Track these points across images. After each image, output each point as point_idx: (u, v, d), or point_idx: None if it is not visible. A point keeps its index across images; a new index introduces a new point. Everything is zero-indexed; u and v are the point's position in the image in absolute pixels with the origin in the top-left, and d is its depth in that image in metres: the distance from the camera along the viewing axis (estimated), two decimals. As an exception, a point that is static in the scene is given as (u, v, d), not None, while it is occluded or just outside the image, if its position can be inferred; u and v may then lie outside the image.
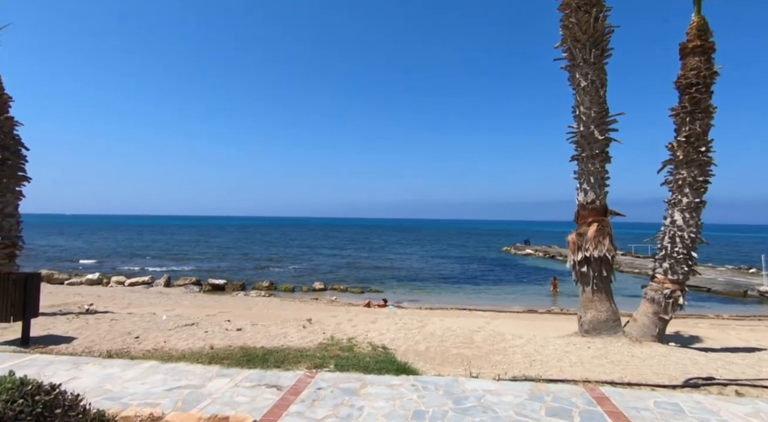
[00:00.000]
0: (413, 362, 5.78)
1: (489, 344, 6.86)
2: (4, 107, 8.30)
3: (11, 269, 8.01)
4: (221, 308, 12.25)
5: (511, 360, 6.13)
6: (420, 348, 6.52)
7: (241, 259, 35.93)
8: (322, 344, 6.55)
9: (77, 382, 4.67)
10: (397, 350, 6.33)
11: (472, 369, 5.55)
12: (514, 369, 5.68)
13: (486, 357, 6.20)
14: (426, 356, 6.15)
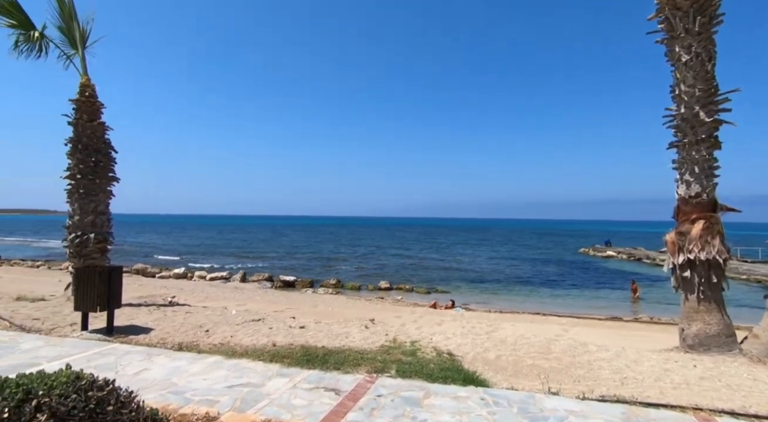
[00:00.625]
0: (482, 372, 5.26)
1: (569, 355, 6.10)
2: (96, 113, 9.06)
3: (102, 263, 8.72)
4: (289, 305, 12.50)
5: (596, 375, 5.36)
6: (490, 356, 5.95)
7: (310, 257, 37.12)
8: (384, 346, 6.25)
9: (147, 373, 4.80)
10: (464, 357, 5.83)
11: (551, 384, 4.90)
12: (601, 386, 4.93)
13: (566, 371, 5.49)
14: (496, 365, 5.58)
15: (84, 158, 8.72)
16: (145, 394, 4.19)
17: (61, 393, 2.51)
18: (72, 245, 8.55)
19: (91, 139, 8.84)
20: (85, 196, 8.67)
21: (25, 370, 4.80)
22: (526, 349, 6.34)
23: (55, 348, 5.60)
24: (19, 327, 6.73)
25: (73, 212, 8.67)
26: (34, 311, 7.90)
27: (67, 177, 8.71)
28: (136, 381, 4.56)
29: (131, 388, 4.40)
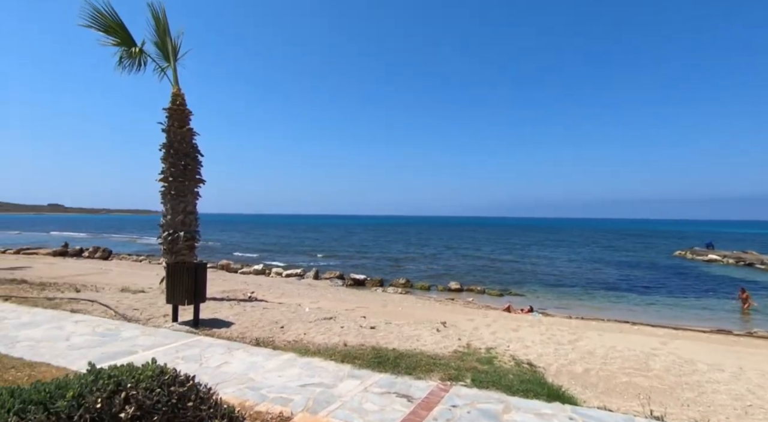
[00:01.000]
0: (568, 386, 4.76)
1: (674, 374, 5.34)
2: (186, 120, 9.77)
3: (191, 259, 9.38)
4: (359, 304, 12.60)
5: (710, 400, 4.61)
6: (576, 369, 5.40)
7: (380, 256, 37.51)
8: (457, 352, 5.95)
9: (227, 367, 4.99)
10: (546, 369, 5.35)
11: (653, 407, 4.29)
12: (718, 414, 4.22)
13: (671, 392, 4.79)
14: (585, 380, 5.03)
15: (175, 162, 9.44)
16: (224, 388, 4.34)
17: (146, 387, 2.60)
18: (165, 242, 9.30)
19: (181, 144, 9.55)
20: (176, 197, 9.38)
21: (125, 357, 5.23)
22: (619, 363, 5.68)
23: (149, 338, 6.07)
24: (122, 316, 7.44)
25: (166, 212, 9.44)
26: (135, 302, 8.72)
27: (161, 180, 9.49)
28: (218, 374, 4.76)
29: (213, 381, 4.60)
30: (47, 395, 2.32)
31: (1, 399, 2.20)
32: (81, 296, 9.20)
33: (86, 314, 7.42)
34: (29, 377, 4.37)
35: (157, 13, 9.51)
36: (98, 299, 8.86)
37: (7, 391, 2.27)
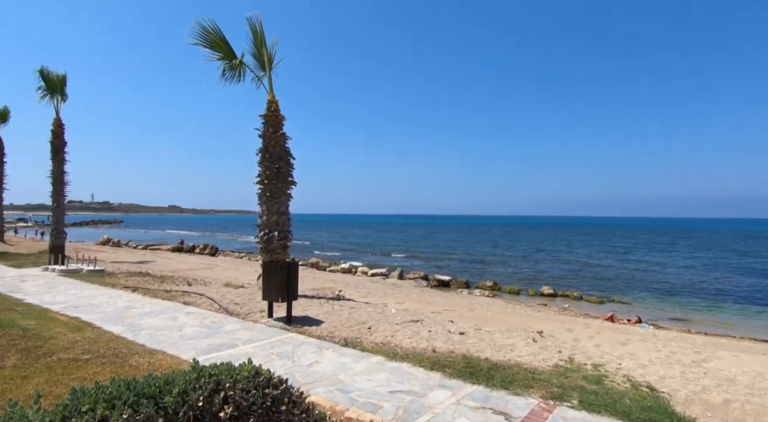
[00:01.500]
0: (704, 420, 3.99)
1: None
2: (279, 125, 10.30)
3: (284, 258, 9.86)
4: (445, 306, 12.25)
5: None
6: (713, 399, 4.54)
7: (465, 256, 36.58)
8: (558, 366, 5.38)
9: (318, 366, 5.04)
10: (672, 395, 4.57)
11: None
12: None
13: None
14: (726, 414, 4.19)
15: (270, 165, 9.99)
16: (315, 388, 4.35)
17: (243, 388, 2.62)
18: (261, 241, 9.90)
19: (275, 148, 10.08)
20: (271, 198, 9.93)
21: (227, 350, 5.55)
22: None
23: (248, 332, 6.42)
24: (225, 309, 8.02)
25: (262, 212, 10.04)
26: (236, 297, 9.38)
27: (258, 182, 10.12)
28: (309, 373, 4.82)
29: (304, 380, 4.65)
30: (157, 389, 2.42)
31: (119, 390, 2.33)
32: (192, 290, 10.15)
33: (196, 307, 8.13)
34: (149, 363, 4.82)
35: (255, 26, 10.15)
36: (205, 293, 9.70)
37: (124, 383, 2.41)
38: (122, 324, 6.62)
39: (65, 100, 17.94)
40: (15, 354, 4.93)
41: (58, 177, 17.32)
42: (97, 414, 2.14)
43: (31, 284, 10.48)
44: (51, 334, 5.84)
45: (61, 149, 17.51)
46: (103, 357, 4.94)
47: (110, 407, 2.20)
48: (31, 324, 6.40)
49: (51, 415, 2.09)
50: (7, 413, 2.07)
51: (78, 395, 2.24)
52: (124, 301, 8.51)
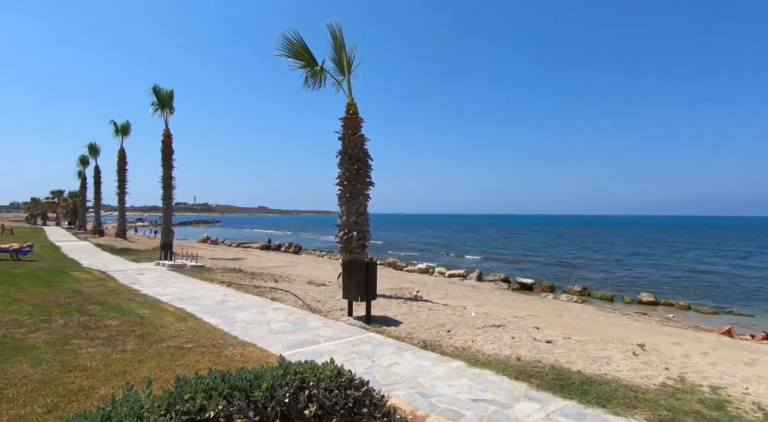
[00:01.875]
0: None
1: None
2: (358, 128, 10.52)
3: (363, 258, 10.03)
4: (529, 311, 11.60)
5: None
6: None
7: (549, 258, 34.51)
8: (666, 386, 4.76)
9: (397, 368, 5.01)
10: (819, 431, 3.79)
11: None
12: None
13: None
14: None
15: (349, 167, 10.24)
16: (395, 390, 4.31)
17: (326, 387, 2.66)
18: (341, 241, 10.18)
19: (354, 150, 10.31)
20: (350, 199, 10.17)
21: (310, 346, 5.74)
22: None
23: (329, 330, 6.61)
24: (308, 306, 8.37)
25: (341, 213, 10.32)
26: (318, 294, 9.76)
27: (338, 184, 10.42)
28: (389, 374, 4.80)
29: (384, 380, 4.64)
30: (248, 383, 2.54)
31: (215, 382, 2.48)
32: (278, 287, 10.78)
33: (282, 303, 8.59)
34: (241, 355, 5.16)
35: (335, 31, 10.48)
36: (290, 290, 10.23)
37: (219, 375, 2.56)
38: (218, 317, 7.21)
39: (173, 113, 20.18)
40: (133, 340, 5.58)
41: (167, 182, 19.52)
42: (196, 402, 2.29)
43: (147, 277, 11.90)
44: (161, 323, 6.54)
45: (169, 156, 19.73)
46: (203, 347, 5.39)
47: (208, 397, 2.34)
48: (146, 312, 7.23)
49: (159, 400, 2.28)
50: (125, 395, 2.30)
51: (181, 383, 2.42)
52: (220, 295, 9.27)
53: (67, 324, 6.22)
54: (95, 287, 9.65)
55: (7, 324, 6.11)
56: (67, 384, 3.99)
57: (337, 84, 11.13)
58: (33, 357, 4.71)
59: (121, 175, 30.63)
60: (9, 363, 4.50)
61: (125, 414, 2.07)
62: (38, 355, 4.80)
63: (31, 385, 3.95)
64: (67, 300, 7.99)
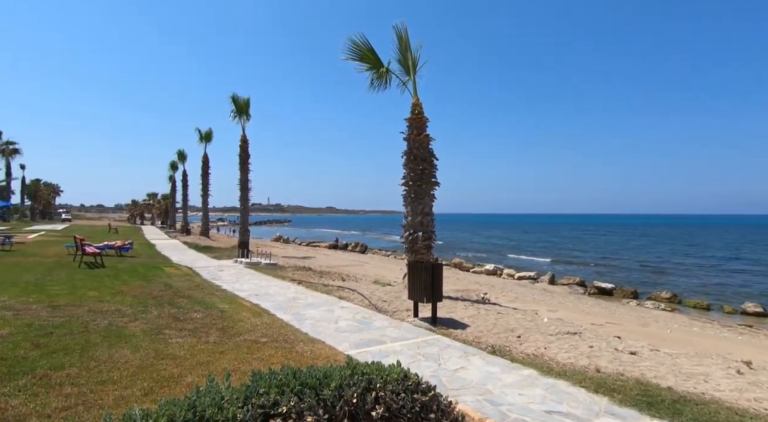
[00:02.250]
0: None
1: None
2: (423, 127, 10.45)
3: (429, 258, 9.95)
4: (608, 318, 10.76)
5: None
6: None
7: (632, 261, 31.82)
8: (780, 412, 4.14)
9: (464, 372, 4.89)
10: None
11: None
12: None
13: None
14: None
15: (414, 167, 10.21)
16: (462, 395, 4.21)
17: (393, 390, 2.65)
18: (407, 241, 10.18)
19: (419, 150, 10.26)
20: (415, 200, 10.13)
21: (376, 346, 5.80)
22: None
23: (395, 330, 6.63)
24: (374, 306, 8.48)
25: (407, 213, 10.32)
26: (383, 294, 9.86)
27: (403, 184, 10.44)
28: (456, 378, 4.70)
29: (451, 384, 4.54)
30: (317, 381, 2.60)
31: (287, 378, 2.58)
32: (345, 285, 11.05)
33: (349, 302, 8.79)
34: (311, 351, 5.34)
35: (401, 32, 10.51)
36: (357, 289, 10.43)
37: (291, 372, 2.65)
38: (290, 313, 7.54)
39: (249, 120, 21.56)
40: (215, 332, 6.02)
41: (244, 184, 20.89)
42: (270, 397, 2.39)
43: (226, 273, 12.81)
44: (239, 317, 6.99)
45: (246, 160, 21.10)
46: (276, 342, 5.67)
47: (280, 392, 2.43)
48: (225, 307, 7.78)
49: (237, 392, 2.41)
50: (207, 386, 2.47)
51: (257, 378, 2.55)
52: (291, 292, 9.72)
53: (160, 315, 6.88)
54: (183, 282, 10.58)
55: (113, 313, 6.89)
56: (160, 371, 4.40)
57: (402, 84, 11.15)
58: (132, 344, 5.26)
59: (204, 178, 33.36)
60: (114, 349, 5.07)
61: (208, 404, 2.21)
62: (137, 343, 5.35)
63: (131, 370, 4.41)
64: (160, 293, 8.85)
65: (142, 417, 2.09)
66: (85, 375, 4.22)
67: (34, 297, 7.93)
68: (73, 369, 4.39)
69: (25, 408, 3.50)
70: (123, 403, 3.59)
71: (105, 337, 5.55)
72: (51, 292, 8.54)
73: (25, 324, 6.02)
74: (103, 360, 4.67)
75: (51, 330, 5.79)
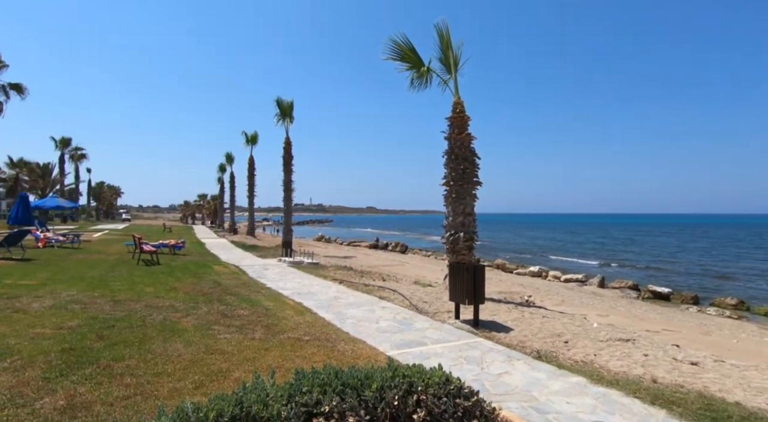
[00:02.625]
0: None
1: None
2: (465, 126, 10.30)
3: (470, 259, 9.78)
4: (665, 325, 10.10)
5: None
6: None
7: (691, 264, 29.75)
8: None
9: (508, 378, 4.74)
10: None
11: None
12: None
13: None
14: None
15: (455, 167, 10.08)
16: (507, 401, 4.09)
17: (434, 393, 2.60)
18: (448, 242, 10.06)
19: (461, 149, 10.11)
20: (456, 199, 10.00)
21: (417, 347, 5.76)
22: None
23: (436, 332, 6.56)
24: (415, 307, 8.43)
25: (448, 213, 10.20)
26: (424, 295, 9.78)
27: (444, 184, 10.33)
28: (499, 383, 4.57)
29: (495, 390, 4.43)
30: (359, 382, 2.61)
31: (329, 377, 2.61)
32: (386, 286, 11.07)
33: (389, 302, 8.80)
34: (352, 351, 5.39)
35: (442, 30, 10.42)
36: (397, 289, 10.43)
37: (333, 372, 2.68)
38: (332, 312, 7.66)
39: (292, 122, 22.15)
40: (261, 329, 6.22)
41: (287, 185, 21.49)
42: (313, 396, 2.42)
43: (270, 272, 13.22)
44: (283, 315, 7.18)
45: (289, 162, 21.69)
46: (318, 340, 5.77)
47: (323, 392, 2.46)
48: (270, 305, 8.02)
49: (281, 390, 2.47)
50: (253, 383, 2.54)
51: (300, 377, 2.60)
52: (333, 291, 9.87)
53: (209, 312, 7.20)
54: (231, 280, 11.02)
55: (167, 309, 7.29)
56: (209, 365, 4.60)
57: (443, 83, 11.05)
58: (185, 339, 5.54)
59: (250, 180, 34.65)
60: (169, 343, 5.36)
61: (254, 401, 2.28)
62: (189, 337, 5.63)
63: (184, 363, 4.64)
64: (209, 290, 9.26)
65: (194, 411, 2.18)
66: (142, 367, 4.49)
67: (98, 292, 8.55)
68: (132, 360, 4.68)
69: (91, 395, 3.76)
70: (176, 395, 3.78)
71: (160, 331, 5.88)
72: (113, 287, 9.17)
73: (90, 317, 6.50)
74: (159, 353, 4.94)
75: (113, 322, 6.22)
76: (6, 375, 4.16)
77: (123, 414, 3.40)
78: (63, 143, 51.72)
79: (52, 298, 7.78)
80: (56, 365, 4.45)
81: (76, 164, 55.85)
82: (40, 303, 7.32)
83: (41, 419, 3.31)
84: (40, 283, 9.35)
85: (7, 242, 13.83)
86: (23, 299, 7.63)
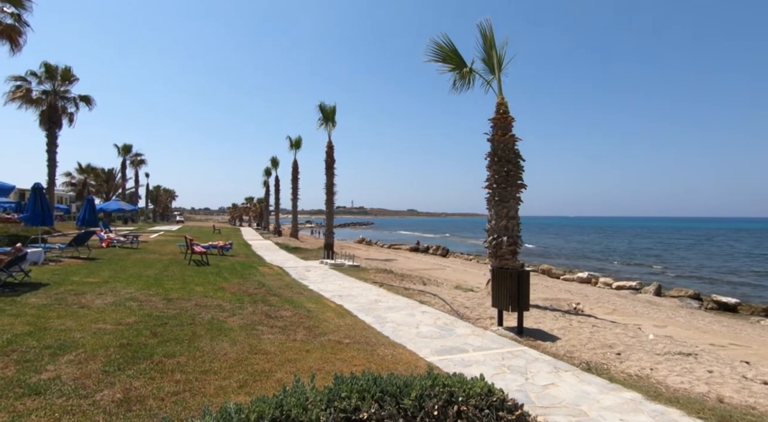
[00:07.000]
0: None
1: None
2: (508, 127, 10.01)
3: (514, 264, 9.48)
4: (732, 339, 9.29)
5: None
6: None
7: (762, 273, 27.27)
8: None
9: (555, 390, 4.52)
10: None
11: None
12: None
13: None
14: None
15: (498, 169, 9.81)
16: (553, 415, 3.89)
17: (476, 405, 2.51)
18: (490, 246, 9.80)
19: (504, 151, 9.84)
20: (500, 203, 9.73)
21: (458, 354, 5.63)
22: None
23: (478, 339, 6.39)
24: (456, 312, 8.27)
25: (490, 217, 9.94)
26: (465, 300, 9.58)
27: (487, 187, 10.08)
28: (545, 395, 4.37)
29: (540, 402, 4.23)
30: (397, 389, 2.57)
31: (368, 384, 2.58)
32: (426, 290, 10.96)
33: (430, 307, 8.69)
34: (392, 355, 5.35)
35: (485, 30, 10.20)
36: (438, 294, 10.29)
37: (372, 378, 2.65)
38: (372, 315, 7.66)
39: (335, 126, 22.53)
40: (302, 331, 6.33)
41: (330, 188, 21.86)
42: (351, 402, 2.41)
43: (312, 273, 13.47)
44: (324, 317, 7.27)
45: (331, 165, 22.07)
46: (358, 343, 5.78)
47: (361, 398, 2.44)
48: (312, 307, 8.15)
49: (321, 395, 2.47)
50: (293, 386, 2.57)
51: (339, 382, 2.59)
52: (373, 294, 9.88)
53: (254, 312, 7.42)
54: (274, 281, 11.33)
55: (215, 308, 7.60)
56: (253, 365, 4.73)
57: (486, 84, 10.81)
58: (231, 338, 5.73)
59: (294, 183, 35.59)
60: (216, 342, 5.57)
61: (293, 404, 2.29)
62: (234, 337, 5.82)
63: (229, 362, 4.80)
64: (254, 291, 9.56)
65: (236, 411, 2.23)
66: (191, 364, 4.68)
67: (153, 290, 9.06)
68: (182, 357, 4.90)
69: (144, 390, 3.97)
70: (222, 393, 3.91)
71: (208, 330, 6.12)
72: (166, 286, 9.69)
73: (146, 314, 6.89)
74: (207, 351, 5.14)
75: (165, 320, 6.55)
76: (71, 366, 4.48)
77: (172, 410, 3.55)
78: (125, 150, 55.51)
79: (113, 295, 8.33)
80: (115, 359, 4.74)
81: (136, 169, 59.76)
82: (102, 300, 7.86)
83: (100, 410, 3.52)
84: (103, 281, 10.05)
85: (76, 243, 14.99)
86: (87, 295, 8.22)
